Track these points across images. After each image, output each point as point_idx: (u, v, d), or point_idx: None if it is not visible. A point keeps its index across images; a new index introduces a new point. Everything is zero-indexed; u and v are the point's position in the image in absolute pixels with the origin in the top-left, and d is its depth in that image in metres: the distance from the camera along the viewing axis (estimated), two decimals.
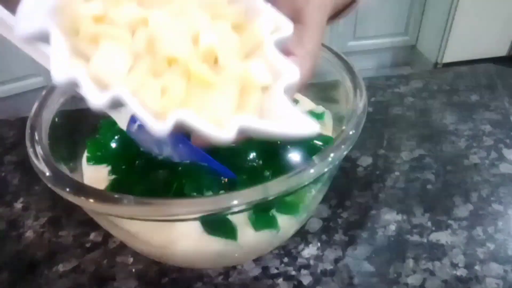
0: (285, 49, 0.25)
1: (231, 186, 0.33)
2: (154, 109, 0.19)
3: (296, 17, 0.27)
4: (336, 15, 0.35)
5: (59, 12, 0.20)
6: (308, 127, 0.20)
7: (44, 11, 0.19)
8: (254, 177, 0.33)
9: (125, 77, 0.19)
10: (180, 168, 0.33)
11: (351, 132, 0.30)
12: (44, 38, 0.19)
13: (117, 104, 0.19)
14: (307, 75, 0.26)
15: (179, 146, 0.34)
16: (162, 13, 0.22)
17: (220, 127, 0.19)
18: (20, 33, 0.19)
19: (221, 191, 0.32)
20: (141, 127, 0.34)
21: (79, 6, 0.21)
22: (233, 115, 0.20)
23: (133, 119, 0.34)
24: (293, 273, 0.38)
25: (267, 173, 0.33)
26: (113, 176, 0.37)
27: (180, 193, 0.31)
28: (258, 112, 0.21)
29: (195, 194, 0.31)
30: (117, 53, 0.19)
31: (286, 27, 0.24)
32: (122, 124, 0.35)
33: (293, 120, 0.20)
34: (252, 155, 0.35)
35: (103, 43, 0.20)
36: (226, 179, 0.33)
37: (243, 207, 0.27)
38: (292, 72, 0.22)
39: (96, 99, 0.18)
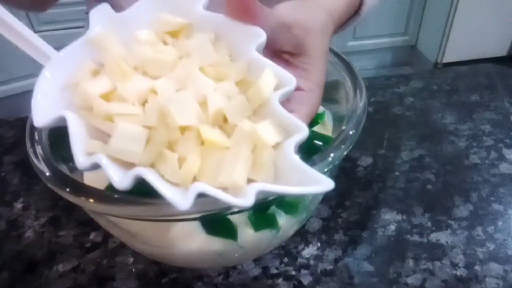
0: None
1: None
2: (175, 182, 0.20)
3: (298, 51, 0.27)
4: (338, 27, 0.35)
5: (70, 90, 0.22)
6: (323, 185, 0.20)
7: (56, 93, 0.21)
8: None
9: (143, 152, 0.20)
10: None
11: (351, 132, 0.30)
12: (61, 122, 0.20)
13: (139, 181, 0.19)
14: (316, 105, 0.26)
15: None
16: (168, 81, 0.23)
17: (238, 191, 0.20)
18: (38, 124, 0.20)
19: None
20: None
21: (88, 86, 0.22)
22: (250, 175, 0.21)
23: None
24: (293, 273, 0.38)
25: None
26: None
27: None
28: (271, 168, 0.22)
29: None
30: (132, 132, 0.20)
31: (289, 81, 0.24)
32: None
33: (307, 179, 0.21)
34: None
35: (118, 123, 0.21)
36: None
37: None
38: (300, 130, 0.22)
39: (120, 183, 0.19)
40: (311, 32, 0.27)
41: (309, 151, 0.36)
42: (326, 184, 0.20)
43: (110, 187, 0.35)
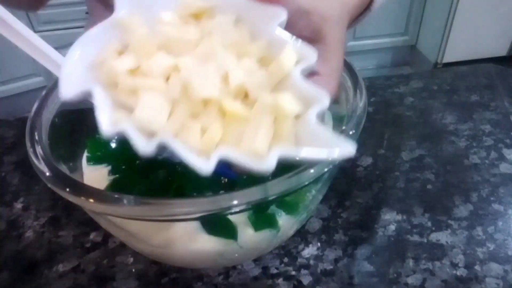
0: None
1: (231, 186, 0.33)
2: (197, 149, 0.20)
3: (316, 37, 0.27)
4: (351, 21, 0.35)
5: (96, 69, 0.22)
6: (344, 150, 0.20)
7: (83, 70, 0.21)
8: (254, 177, 0.33)
9: (167, 122, 0.21)
10: (180, 168, 0.33)
11: (351, 132, 0.30)
12: (87, 96, 0.21)
13: (163, 148, 0.20)
14: (334, 91, 0.26)
15: None
16: (191, 59, 0.23)
17: (259, 158, 0.20)
18: (65, 96, 0.21)
19: (221, 191, 0.32)
20: None
21: (114, 63, 0.22)
22: (270, 145, 0.21)
23: None
24: (293, 273, 0.38)
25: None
26: (113, 176, 0.37)
27: (180, 193, 0.31)
28: (293, 139, 0.22)
29: (195, 194, 0.31)
30: (156, 102, 0.21)
31: (311, 55, 0.24)
32: None
33: (329, 145, 0.21)
34: None
35: (142, 94, 0.21)
36: (226, 179, 0.33)
37: (243, 207, 0.27)
38: (322, 98, 0.23)
39: (144, 148, 0.19)
40: (328, 21, 0.28)
41: None
42: (348, 149, 0.20)
43: (110, 187, 0.35)
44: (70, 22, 1.59)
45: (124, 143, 0.40)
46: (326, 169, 0.28)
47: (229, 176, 0.33)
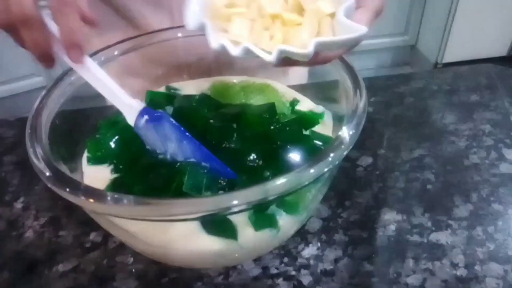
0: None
1: (231, 186, 0.33)
2: (267, 49, 0.29)
3: None
4: None
5: (206, 9, 0.31)
6: (357, 32, 0.27)
7: (199, 10, 0.31)
8: (254, 177, 0.33)
9: (249, 35, 0.31)
10: (179, 166, 0.33)
11: (351, 132, 0.30)
12: (202, 27, 0.30)
13: (247, 53, 0.29)
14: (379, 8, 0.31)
15: (183, 143, 0.34)
16: None
17: (304, 47, 0.28)
18: (190, 27, 0.30)
19: (221, 191, 0.32)
20: (148, 122, 0.34)
21: (216, 1, 0.32)
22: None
23: (141, 115, 0.34)
24: (293, 273, 0.38)
25: (267, 173, 0.33)
26: (113, 176, 0.37)
27: (180, 193, 0.31)
28: (331, 32, 0.30)
29: (194, 192, 0.31)
30: (242, 24, 0.31)
31: None
32: (130, 120, 0.35)
33: (347, 29, 0.28)
34: (252, 155, 0.35)
35: (234, 19, 0.31)
36: (226, 180, 0.33)
37: (243, 207, 0.27)
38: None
39: (235, 51, 0.29)
40: None
41: (309, 151, 0.36)
42: (359, 30, 0.27)
43: (110, 187, 0.35)
44: None
45: (124, 143, 0.40)
46: (326, 169, 0.28)
47: (230, 175, 0.33)
